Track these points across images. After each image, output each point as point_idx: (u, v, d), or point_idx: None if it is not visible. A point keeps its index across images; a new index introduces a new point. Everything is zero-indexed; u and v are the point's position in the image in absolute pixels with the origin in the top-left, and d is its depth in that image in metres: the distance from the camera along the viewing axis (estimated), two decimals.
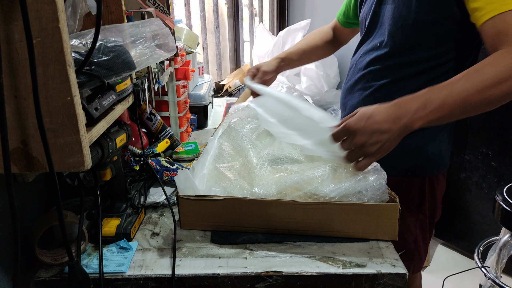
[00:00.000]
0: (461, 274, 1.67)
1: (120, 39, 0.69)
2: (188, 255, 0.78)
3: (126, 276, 0.73)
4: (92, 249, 0.80)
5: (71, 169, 0.57)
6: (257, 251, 0.79)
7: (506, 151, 1.90)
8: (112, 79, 0.68)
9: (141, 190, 0.97)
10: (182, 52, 1.41)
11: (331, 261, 0.76)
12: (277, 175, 0.83)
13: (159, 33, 0.84)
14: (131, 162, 1.12)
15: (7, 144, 0.51)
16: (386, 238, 0.81)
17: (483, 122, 1.94)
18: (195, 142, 1.34)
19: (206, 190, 0.83)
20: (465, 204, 2.13)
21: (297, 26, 2.69)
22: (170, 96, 1.37)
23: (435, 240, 2.31)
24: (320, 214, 0.79)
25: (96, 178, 0.82)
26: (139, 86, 0.90)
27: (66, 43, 0.52)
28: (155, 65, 1.09)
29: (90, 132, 0.62)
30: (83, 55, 0.59)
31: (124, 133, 0.83)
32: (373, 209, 0.78)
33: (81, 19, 0.73)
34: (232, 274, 0.73)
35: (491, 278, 1.50)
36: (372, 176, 0.80)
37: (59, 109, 0.54)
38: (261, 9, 3.11)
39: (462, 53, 0.95)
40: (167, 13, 1.19)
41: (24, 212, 0.81)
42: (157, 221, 0.92)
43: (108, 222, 0.83)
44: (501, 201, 1.39)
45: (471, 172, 2.06)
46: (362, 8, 1.12)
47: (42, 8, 0.49)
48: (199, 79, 1.83)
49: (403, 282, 0.73)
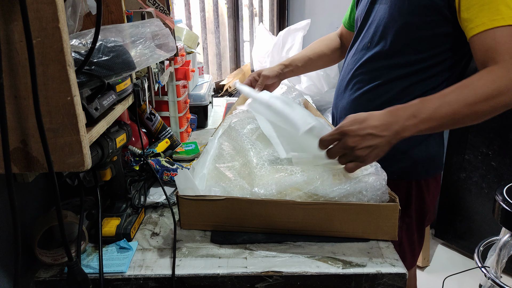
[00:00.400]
0: (461, 274, 1.67)
1: (120, 39, 0.69)
2: (188, 255, 0.78)
3: (126, 276, 0.73)
4: (92, 249, 0.80)
5: (71, 169, 0.57)
6: (257, 251, 0.79)
7: (506, 151, 1.90)
8: (112, 79, 0.68)
9: (141, 190, 0.97)
10: (182, 52, 1.41)
11: (331, 261, 0.76)
12: (277, 175, 0.83)
13: (159, 33, 0.85)
14: (131, 162, 1.12)
15: (7, 144, 0.51)
16: (386, 238, 0.81)
17: (483, 122, 1.94)
18: (195, 142, 1.34)
19: (206, 190, 0.83)
20: (465, 204, 2.13)
21: (297, 26, 2.69)
22: (170, 96, 1.37)
23: (435, 240, 2.31)
24: (320, 214, 0.79)
25: (96, 178, 0.82)
26: (139, 86, 0.90)
27: (66, 43, 0.52)
28: (155, 65, 1.09)
29: (90, 132, 0.62)
30: (83, 55, 0.59)
31: (124, 133, 0.83)
32: (373, 209, 0.78)
33: (81, 19, 0.73)
34: (232, 274, 0.73)
35: (491, 278, 1.49)
36: (372, 177, 0.81)
37: (59, 109, 0.54)
38: (261, 9, 3.11)
39: (454, 55, 0.95)
40: (167, 13, 1.19)
41: (24, 212, 0.81)
42: (157, 221, 0.92)
43: (108, 222, 0.83)
44: (501, 201, 1.39)
45: (471, 172, 2.06)
46: (358, 7, 1.12)
47: (42, 8, 0.49)
48: (199, 79, 1.83)
49: (403, 282, 0.73)
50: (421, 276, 2.04)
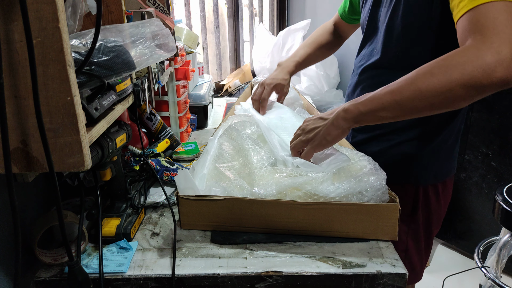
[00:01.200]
0: (461, 274, 1.67)
1: (120, 39, 0.69)
2: (188, 255, 0.78)
3: (126, 276, 0.73)
4: (92, 249, 0.80)
5: (71, 169, 0.57)
6: (257, 251, 0.79)
7: (506, 151, 1.90)
8: (112, 79, 0.68)
9: (141, 190, 0.97)
10: (182, 52, 1.41)
11: (331, 261, 0.76)
12: (277, 175, 0.83)
13: (159, 33, 0.84)
14: (131, 162, 1.12)
15: (7, 144, 0.51)
16: (386, 238, 0.81)
17: (483, 122, 1.94)
18: (195, 142, 1.34)
19: (206, 190, 0.83)
20: (465, 204, 2.13)
21: (297, 26, 2.69)
22: (170, 96, 1.37)
23: (435, 240, 2.31)
24: (320, 214, 0.79)
25: (96, 178, 0.82)
26: (139, 86, 0.90)
27: (66, 43, 0.52)
28: (155, 65, 1.09)
29: (90, 132, 0.61)
30: (83, 55, 0.59)
31: (124, 133, 0.83)
32: (373, 209, 0.78)
33: (81, 19, 0.73)
34: (232, 274, 0.73)
35: (491, 278, 1.50)
36: (372, 177, 0.81)
37: (59, 109, 0.54)
38: (261, 9, 3.11)
39: None
40: (167, 13, 1.19)
41: (24, 212, 0.81)
42: (157, 221, 0.92)
43: (108, 222, 0.83)
44: (501, 201, 1.39)
45: (471, 172, 2.06)
46: (362, 9, 1.11)
47: (42, 8, 0.49)
48: (199, 79, 1.83)
49: (403, 282, 0.73)
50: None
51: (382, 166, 0.84)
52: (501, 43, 0.64)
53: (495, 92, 0.66)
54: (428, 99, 0.69)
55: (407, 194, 1.01)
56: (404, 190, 1.00)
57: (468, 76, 0.64)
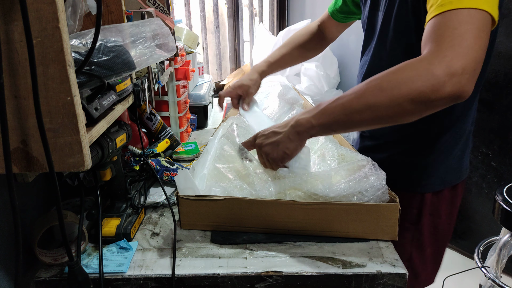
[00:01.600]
0: (461, 274, 1.67)
1: (120, 39, 0.69)
2: (188, 255, 0.78)
3: (126, 276, 0.73)
4: (92, 249, 0.80)
5: (71, 169, 0.57)
6: (257, 251, 0.79)
7: (506, 151, 1.90)
8: (112, 79, 0.68)
9: (141, 190, 0.97)
10: (182, 52, 1.41)
11: (331, 261, 0.76)
12: (277, 175, 0.83)
13: (159, 33, 0.85)
14: (131, 162, 1.12)
15: (7, 144, 0.51)
16: (386, 238, 0.81)
17: (483, 122, 1.94)
18: (195, 142, 1.34)
19: (206, 190, 0.83)
20: (465, 204, 2.13)
21: (297, 26, 2.69)
22: (170, 96, 1.37)
23: None
24: (320, 214, 0.79)
25: (96, 178, 0.82)
26: (139, 86, 0.90)
27: (66, 43, 0.52)
28: (155, 65, 1.09)
29: (90, 132, 0.62)
30: (83, 55, 0.59)
31: (124, 133, 0.83)
32: (373, 209, 0.78)
33: (81, 19, 0.73)
34: (232, 274, 0.73)
35: (491, 278, 1.50)
36: (372, 177, 0.80)
37: (59, 109, 0.54)
38: (261, 9, 3.11)
39: None
40: (167, 13, 1.19)
41: (24, 212, 0.81)
42: (157, 221, 0.92)
43: (108, 222, 0.83)
44: (501, 201, 1.39)
45: (471, 172, 2.06)
46: (363, 10, 1.09)
47: (42, 8, 0.49)
48: (199, 79, 1.83)
49: (403, 282, 0.73)
50: None
51: (389, 173, 0.82)
52: (454, 57, 0.62)
53: (447, 106, 0.65)
54: (376, 113, 0.69)
55: (413, 202, 0.99)
56: (410, 198, 0.98)
57: (417, 92, 0.64)
